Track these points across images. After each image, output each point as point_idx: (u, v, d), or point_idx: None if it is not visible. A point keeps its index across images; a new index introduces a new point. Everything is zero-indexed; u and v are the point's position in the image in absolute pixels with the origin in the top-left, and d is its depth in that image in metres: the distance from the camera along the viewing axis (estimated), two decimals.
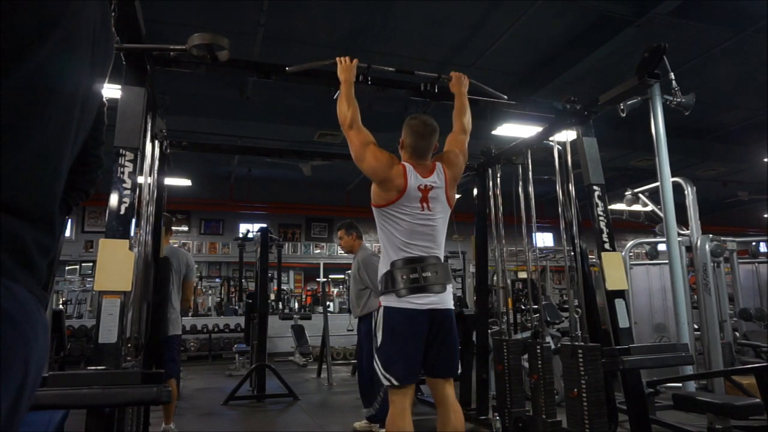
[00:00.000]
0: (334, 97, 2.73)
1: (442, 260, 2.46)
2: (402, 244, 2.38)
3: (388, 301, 2.37)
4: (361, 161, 2.46)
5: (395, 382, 2.30)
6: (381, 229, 2.47)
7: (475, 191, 4.54)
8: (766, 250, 7.97)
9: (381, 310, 2.41)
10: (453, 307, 2.47)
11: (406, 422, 2.28)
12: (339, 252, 12.89)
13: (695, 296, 5.48)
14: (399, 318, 2.32)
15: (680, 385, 4.51)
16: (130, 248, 2.13)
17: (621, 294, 2.84)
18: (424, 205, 2.42)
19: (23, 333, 0.60)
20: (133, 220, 2.24)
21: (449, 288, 2.44)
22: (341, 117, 2.53)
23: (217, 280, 12.12)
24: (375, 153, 2.43)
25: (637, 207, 6.42)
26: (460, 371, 2.64)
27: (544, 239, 13.56)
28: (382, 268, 2.44)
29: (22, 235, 0.62)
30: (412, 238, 2.38)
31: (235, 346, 8.23)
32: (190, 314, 10.10)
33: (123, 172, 2.23)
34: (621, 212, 6.49)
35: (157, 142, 3.22)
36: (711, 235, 5.26)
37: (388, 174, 2.39)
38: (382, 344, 2.37)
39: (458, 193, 2.80)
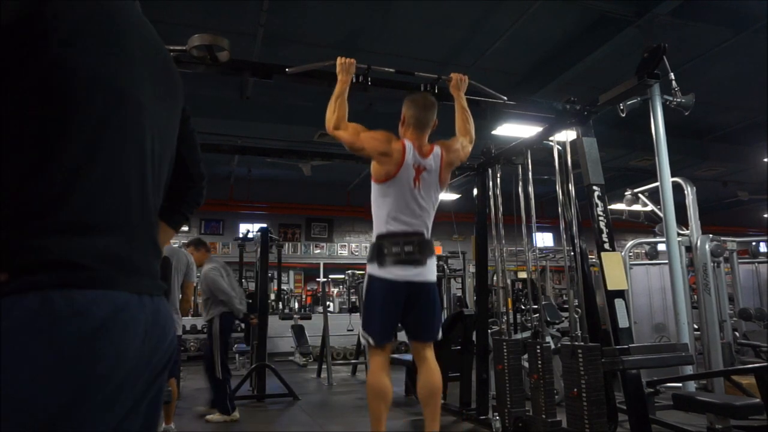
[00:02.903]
0: None
1: (427, 236, 2.61)
2: (390, 218, 2.55)
3: (372, 269, 2.57)
4: (359, 149, 2.57)
5: (371, 341, 2.56)
6: (374, 203, 2.62)
7: (475, 191, 4.54)
8: (766, 250, 7.97)
9: (366, 277, 2.62)
10: (434, 280, 2.65)
11: (383, 378, 2.52)
12: (339, 252, 12.91)
13: (695, 296, 5.48)
14: (378, 286, 2.54)
15: (680, 385, 4.51)
16: None
17: (621, 294, 2.84)
18: (416, 183, 2.56)
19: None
20: None
21: (430, 262, 2.61)
22: (327, 120, 2.61)
23: None
24: (370, 135, 2.56)
25: (637, 207, 6.42)
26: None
27: (544, 239, 13.56)
28: (372, 238, 2.62)
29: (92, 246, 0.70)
30: (400, 212, 2.54)
31: (235, 346, 8.23)
32: (190, 314, 10.10)
33: None
34: (621, 212, 6.49)
35: None
36: (711, 235, 5.26)
37: (387, 148, 2.53)
38: (364, 307, 2.63)
39: (458, 193, 2.85)
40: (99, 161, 0.71)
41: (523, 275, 8.62)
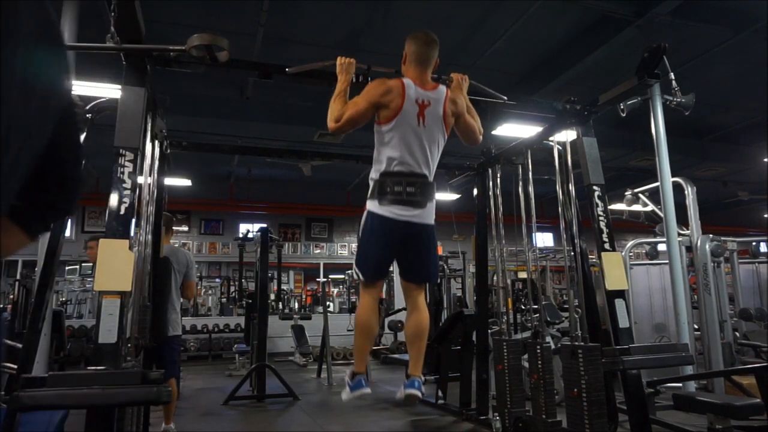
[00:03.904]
0: None
1: (430, 179, 2.58)
2: (393, 157, 2.51)
3: (371, 206, 2.54)
4: (363, 111, 2.50)
5: (362, 277, 2.56)
6: (378, 143, 2.58)
7: (475, 191, 4.54)
8: (766, 250, 7.96)
9: (365, 213, 2.58)
10: (432, 223, 2.60)
11: (371, 314, 2.58)
12: (339, 252, 12.90)
13: (695, 296, 5.48)
14: (375, 223, 2.51)
15: (680, 385, 4.51)
16: (130, 248, 2.13)
17: (621, 294, 2.84)
18: (420, 120, 2.52)
19: None
20: (133, 220, 2.24)
21: (430, 205, 2.58)
22: (329, 120, 2.55)
23: (217, 280, 12.12)
24: (364, 93, 2.53)
25: (637, 207, 6.42)
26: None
27: (544, 239, 13.55)
28: (374, 174, 2.58)
29: None
30: (403, 151, 2.50)
31: (235, 346, 8.24)
32: (190, 314, 10.11)
33: (123, 172, 2.23)
34: (621, 212, 6.49)
35: (157, 142, 3.22)
36: (711, 235, 5.26)
37: (384, 88, 2.50)
38: (359, 243, 2.62)
39: (458, 193, 2.84)
40: None
41: (523, 275, 8.62)
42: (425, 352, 2.64)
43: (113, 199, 2.18)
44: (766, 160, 9.38)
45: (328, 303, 10.44)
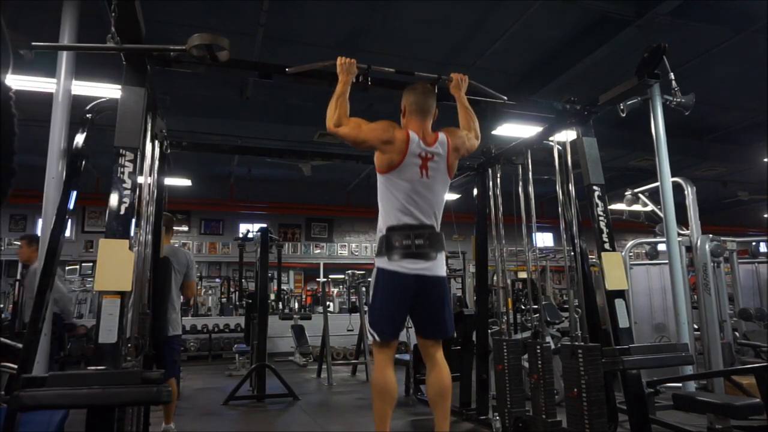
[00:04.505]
0: None
1: (437, 229, 2.54)
2: (399, 210, 2.47)
3: (381, 263, 2.49)
4: (362, 141, 2.50)
5: (377, 338, 2.45)
6: (381, 195, 2.55)
7: (475, 191, 4.54)
8: (766, 250, 7.96)
9: (374, 271, 2.53)
10: (444, 275, 2.56)
11: (389, 376, 2.44)
12: (339, 252, 12.91)
13: (695, 296, 5.48)
14: (387, 279, 2.46)
15: (680, 385, 4.51)
16: (130, 248, 2.13)
17: (621, 294, 2.84)
18: (423, 171, 2.49)
19: None
20: (133, 220, 2.24)
21: (441, 256, 2.54)
22: (328, 119, 2.55)
23: (217, 280, 12.12)
24: (371, 125, 2.50)
25: (637, 207, 6.42)
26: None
27: (544, 239, 13.56)
28: (380, 231, 2.53)
29: None
30: (409, 204, 2.47)
31: (235, 346, 8.23)
32: (190, 314, 10.10)
33: (123, 172, 2.22)
34: (621, 212, 6.49)
35: (157, 142, 3.22)
36: (711, 235, 5.26)
37: (389, 136, 2.46)
38: (372, 302, 2.52)
39: (458, 193, 2.82)
40: None
41: (523, 275, 8.62)
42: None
43: (113, 199, 2.18)
44: (766, 160, 9.38)
45: (328, 303, 10.43)
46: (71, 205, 2.66)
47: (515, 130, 6.75)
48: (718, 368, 4.74)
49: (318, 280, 11.95)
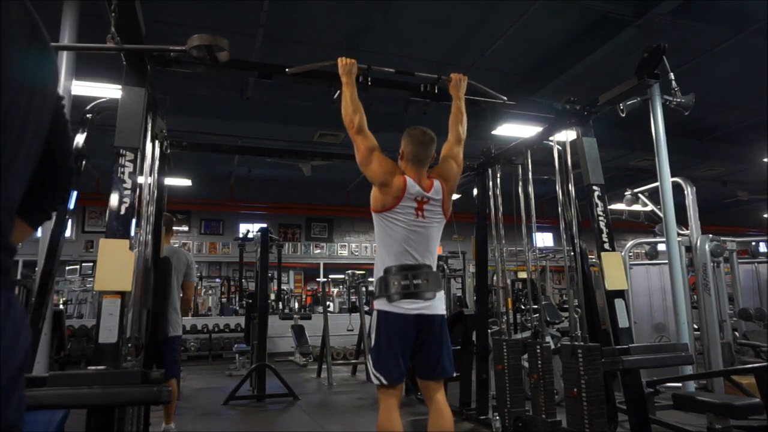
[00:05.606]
0: (335, 96, 2.73)
1: (434, 268, 2.54)
2: (396, 251, 2.47)
3: (381, 304, 2.47)
4: (366, 166, 2.52)
5: (384, 381, 2.40)
6: (378, 235, 2.55)
7: (475, 191, 4.54)
8: (766, 250, 7.97)
9: (374, 313, 2.50)
10: (443, 313, 2.54)
11: (393, 421, 2.38)
12: (339, 252, 12.91)
13: (695, 296, 5.48)
14: (388, 321, 2.43)
15: (680, 385, 4.52)
16: (131, 248, 2.13)
17: (621, 294, 2.84)
18: (419, 213, 2.50)
19: None
20: (134, 220, 2.24)
21: (439, 295, 2.52)
22: (348, 121, 2.56)
23: (217, 280, 12.13)
24: (380, 159, 2.51)
25: (636, 207, 6.42)
26: (455, 374, 2.69)
27: (544, 239, 13.56)
28: (377, 272, 2.52)
29: None
30: (406, 244, 2.47)
31: (235, 346, 8.23)
32: (190, 314, 10.10)
33: (123, 172, 2.23)
34: (621, 212, 6.49)
35: (157, 142, 3.22)
36: (711, 235, 5.26)
37: (390, 180, 2.48)
38: (374, 345, 2.48)
39: (458, 193, 2.81)
40: None
41: (523, 275, 8.62)
42: None
43: (113, 199, 2.19)
44: (766, 160, 9.38)
45: (328, 303, 10.43)
46: (71, 205, 2.66)
47: (515, 130, 6.75)
48: (718, 368, 4.74)
49: (318, 280, 11.96)
